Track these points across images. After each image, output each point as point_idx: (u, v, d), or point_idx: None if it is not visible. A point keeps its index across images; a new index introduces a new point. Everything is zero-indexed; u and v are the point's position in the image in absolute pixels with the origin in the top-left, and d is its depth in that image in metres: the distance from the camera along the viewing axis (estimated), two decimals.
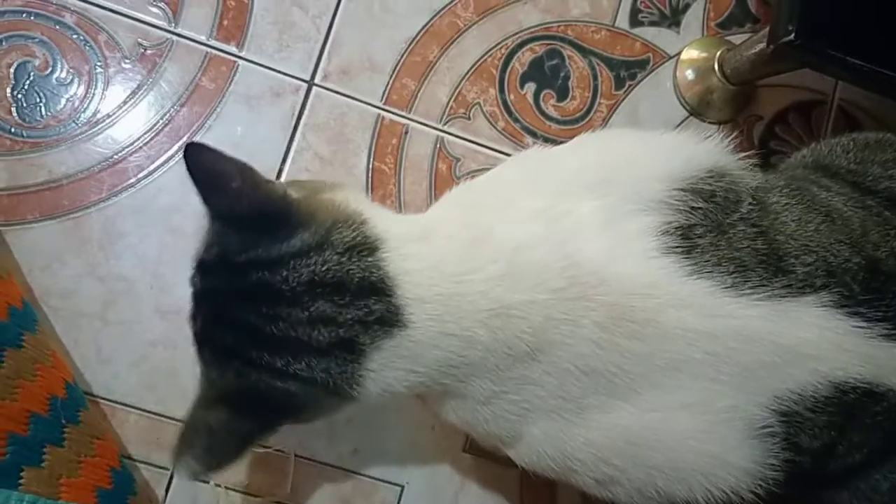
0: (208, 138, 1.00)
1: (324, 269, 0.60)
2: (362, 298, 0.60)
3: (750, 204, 0.65)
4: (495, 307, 0.60)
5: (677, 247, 0.61)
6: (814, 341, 0.59)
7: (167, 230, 0.97)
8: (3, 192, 0.95)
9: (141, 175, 0.98)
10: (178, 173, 0.99)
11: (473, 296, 0.60)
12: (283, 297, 0.60)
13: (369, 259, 0.61)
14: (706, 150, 0.68)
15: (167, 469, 0.94)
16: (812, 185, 0.71)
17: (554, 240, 0.62)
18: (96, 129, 0.99)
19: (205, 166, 0.62)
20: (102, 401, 0.93)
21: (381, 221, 0.64)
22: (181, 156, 0.97)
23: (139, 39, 1.01)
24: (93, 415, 0.89)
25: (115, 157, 0.98)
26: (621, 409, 0.62)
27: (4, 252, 0.93)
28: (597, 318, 0.60)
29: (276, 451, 0.95)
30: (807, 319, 0.60)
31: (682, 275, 0.60)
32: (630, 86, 1.12)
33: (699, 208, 0.63)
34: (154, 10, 1.02)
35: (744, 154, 0.70)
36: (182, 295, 0.95)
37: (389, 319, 0.60)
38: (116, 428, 0.93)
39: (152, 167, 0.99)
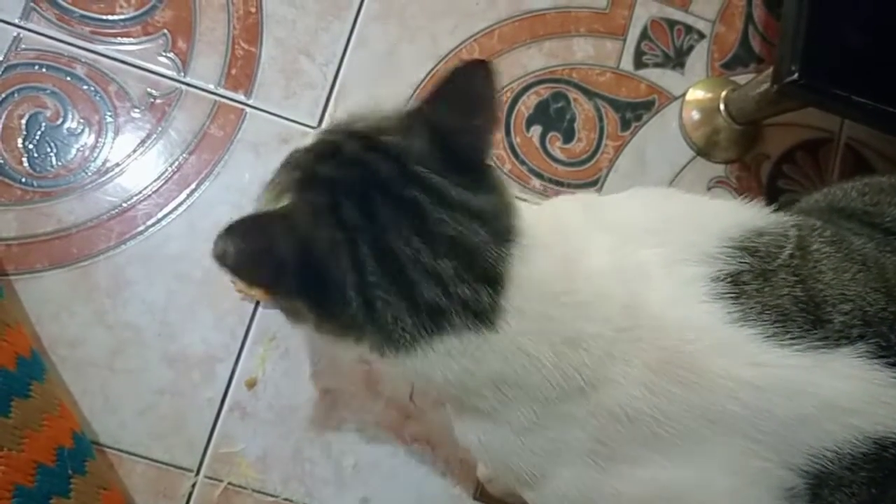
0: (217, 185, 1.01)
1: (473, 240, 0.58)
2: (480, 283, 0.58)
3: (791, 251, 0.65)
4: (571, 335, 0.59)
5: (727, 292, 0.60)
6: (852, 394, 0.58)
7: (175, 277, 0.97)
8: (13, 241, 0.96)
9: (150, 223, 0.99)
10: (186, 220, 0.99)
11: (562, 321, 0.59)
12: (425, 231, 0.57)
13: (504, 249, 0.59)
14: (752, 213, 0.68)
15: None
16: (845, 230, 0.71)
17: (621, 276, 0.61)
18: (106, 177, 0.99)
19: (474, 85, 0.61)
20: (109, 450, 0.93)
21: (524, 212, 0.62)
22: (190, 203, 1.00)
23: (149, 89, 1.03)
24: (99, 465, 0.88)
25: (125, 205, 0.99)
26: (656, 465, 0.60)
27: (13, 301, 0.93)
28: (648, 360, 0.59)
29: (285, 500, 0.94)
30: (845, 371, 0.58)
31: (728, 321, 0.59)
32: (636, 127, 1.12)
33: (746, 262, 0.63)
34: (164, 60, 1.04)
35: (752, 196, 0.70)
36: (189, 342, 0.96)
37: (486, 317, 0.58)
38: (123, 478, 0.92)
39: (161, 215, 0.99)
